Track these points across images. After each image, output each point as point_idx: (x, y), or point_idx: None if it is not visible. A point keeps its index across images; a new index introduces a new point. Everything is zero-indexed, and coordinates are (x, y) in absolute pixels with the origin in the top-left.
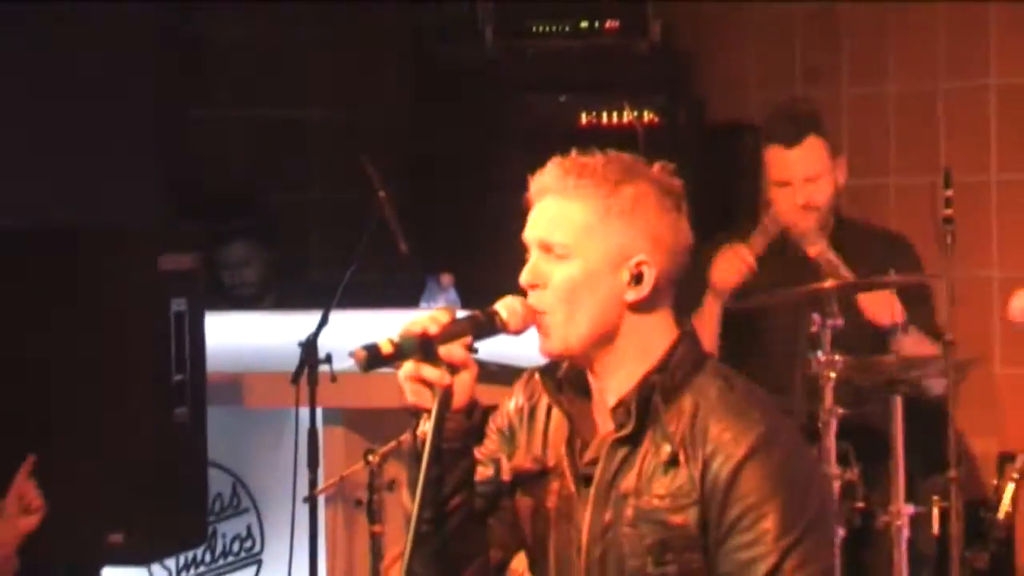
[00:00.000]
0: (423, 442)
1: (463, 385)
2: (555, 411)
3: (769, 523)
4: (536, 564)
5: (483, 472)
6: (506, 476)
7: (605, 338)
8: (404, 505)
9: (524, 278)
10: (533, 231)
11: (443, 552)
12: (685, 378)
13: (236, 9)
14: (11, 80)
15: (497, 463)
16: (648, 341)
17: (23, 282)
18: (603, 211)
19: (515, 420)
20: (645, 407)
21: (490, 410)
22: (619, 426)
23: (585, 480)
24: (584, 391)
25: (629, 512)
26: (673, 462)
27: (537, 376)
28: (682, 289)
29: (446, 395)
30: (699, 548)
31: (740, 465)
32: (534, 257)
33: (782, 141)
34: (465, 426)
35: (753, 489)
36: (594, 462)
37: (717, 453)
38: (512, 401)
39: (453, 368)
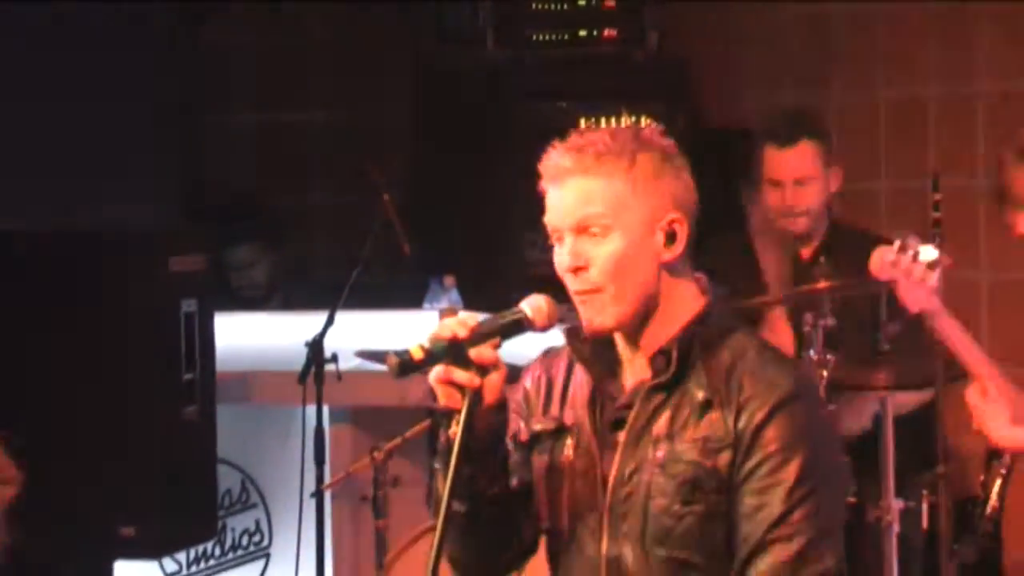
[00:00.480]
0: (455, 441)
1: (493, 385)
2: (575, 373)
3: (787, 473)
4: (549, 520)
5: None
6: (523, 438)
7: (650, 304)
8: (438, 498)
9: (567, 262)
10: (565, 216)
11: (482, 540)
12: (724, 333)
13: (241, 13)
14: (20, 83)
15: (516, 435)
16: (682, 298)
17: (37, 283)
18: (631, 181)
19: (531, 392)
20: (685, 355)
21: None
22: (657, 373)
23: (615, 424)
24: (609, 349)
25: (660, 454)
26: (707, 408)
27: (563, 335)
28: None
29: (476, 396)
30: (726, 490)
31: (770, 414)
32: (570, 241)
33: (776, 141)
34: (496, 423)
35: (778, 438)
36: (627, 407)
37: (750, 401)
38: (528, 376)
39: (483, 369)
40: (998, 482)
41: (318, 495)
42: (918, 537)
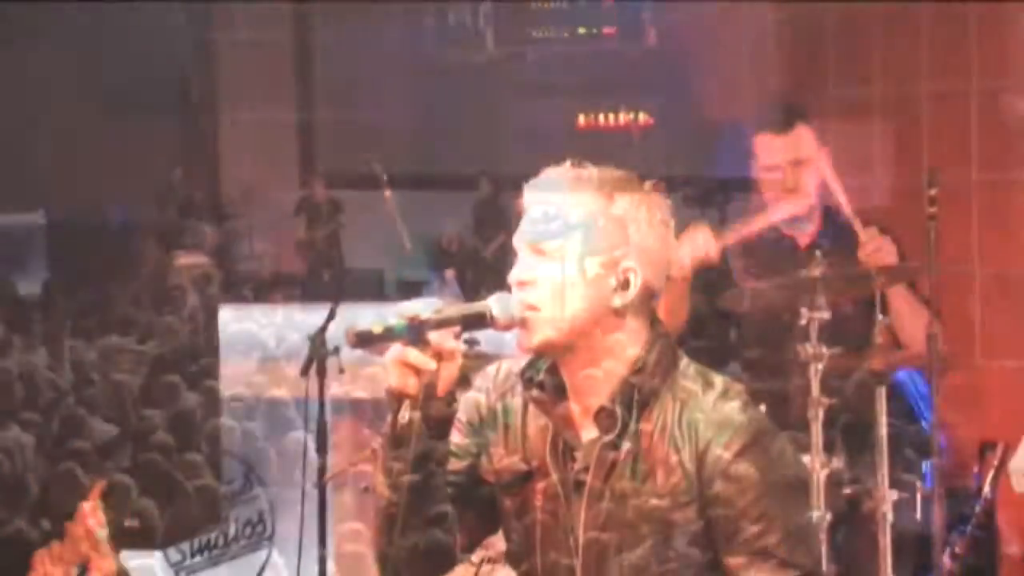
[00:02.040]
0: (402, 428)
1: (448, 376)
2: (531, 410)
3: (775, 509)
4: (518, 555)
5: (454, 463)
6: (490, 477)
7: (586, 337)
8: (377, 490)
9: (514, 275)
10: (524, 234)
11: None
12: (663, 378)
13: (247, 12)
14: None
15: (475, 457)
16: (626, 345)
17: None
18: (596, 216)
19: (485, 413)
20: (628, 410)
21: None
22: (604, 431)
23: (577, 484)
24: (561, 392)
25: (628, 513)
26: (664, 459)
27: (513, 375)
28: None
29: (430, 383)
30: (700, 543)
31: (735, 460)
32: (525, 256)
33: (771, 128)
34: (445, 415)
35: (754, 482)
36: (585, 469)
37: (710, 447)
38: (479, 394)
39: (440, 356)
40: (991, 473)
41: (320, 486)
42: (912, 528)
